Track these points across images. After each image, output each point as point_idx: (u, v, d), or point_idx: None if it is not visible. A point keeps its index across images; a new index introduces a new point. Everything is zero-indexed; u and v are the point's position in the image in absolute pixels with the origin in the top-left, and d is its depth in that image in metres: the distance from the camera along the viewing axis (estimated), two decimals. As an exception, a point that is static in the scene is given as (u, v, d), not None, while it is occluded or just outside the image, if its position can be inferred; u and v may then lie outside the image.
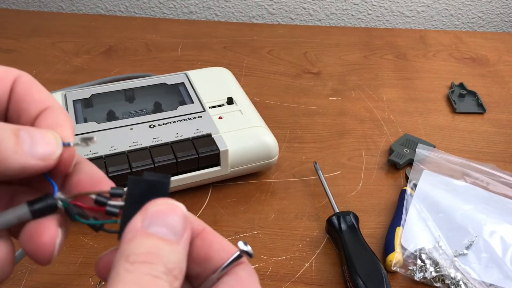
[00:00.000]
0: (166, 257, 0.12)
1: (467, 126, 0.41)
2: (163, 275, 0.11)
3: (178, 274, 0.12)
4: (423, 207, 0.32)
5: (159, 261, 0.12)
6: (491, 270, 0.28)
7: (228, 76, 0.40)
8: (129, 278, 0.11)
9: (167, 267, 0.12)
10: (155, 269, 0.11)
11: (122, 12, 0.64)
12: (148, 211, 0.13)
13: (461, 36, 0.55)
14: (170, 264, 0.12)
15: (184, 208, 0.13)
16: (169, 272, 0.12)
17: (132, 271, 0.11)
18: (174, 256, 0.12)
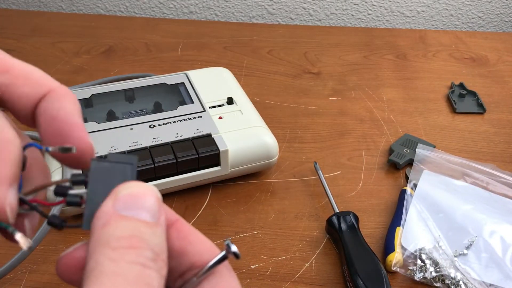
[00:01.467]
0: (149, 239, 0.11)
1: (467, 126, 0.41)
2: (151, 262, 0.10)
3: (163, 257, 0.11)
4: (423, 207, 0.32)
5: (145, 244, 0.10)
6: (491, 270, 0.28)
7: (228, 76, 0.40)
8: (113, 269, 0.10)
9: (154, 251, 0.10)
10: (142, 255, 0.10)
11: (122, 12, 0.64)
12: (119, 195, 0.11)
13: (461, 36, 0.55)
14: (155, 247, 0.11)
15: (155, 189, 0.12)
16: (157, 257, 0.10)
17: (116, 259, 0.10)
18: (157, 238, 0.11)
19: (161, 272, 0.11)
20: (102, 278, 0.09)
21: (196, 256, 0.12)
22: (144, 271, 0.10)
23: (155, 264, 0.10)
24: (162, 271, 0.11)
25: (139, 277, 0.10)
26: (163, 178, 0.31)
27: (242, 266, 0.28)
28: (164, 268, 0.11)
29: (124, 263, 0.10)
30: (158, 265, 0.10)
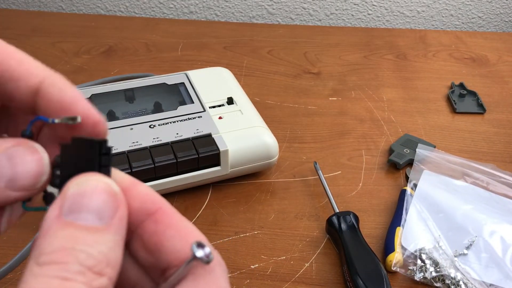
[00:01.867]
0: (85, 251, 0.09)
1: (467, 126, 0.41)
2: (76, 275, 0.09)
3: (105, 269, 0.10)
4: (423, 207, 0.32)
5: (72, 258, 0.09)
6: (491, 270, 0.28)
7: (228, 76, 0.40)
8: (32, 284, 0.09)
9: (84, 264, 0.09)
10: (65, 270, 0.09)
11: (122, 12, 0.64)
12: (66, 194, 0.10)
13: (461, 36, 0.55)
14: (90, 260, 0.09)
15: (112, 183, 0.11)
16: (86, 270, 0.09)
17: (38, 275, 0.09)
18: (98, 247, 0.10)
19: (94, 283, 0.09)
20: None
21: (172, 255, 0.11)
22: (65, 284, 0.09)
23: (83, 277, 0.09)
24: (96, 282, 0.10)
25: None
26: (163, 178, 0.31)
27: (242, 266, 0.28)
28: (98, 279, 0.10)
29: (44, 278, 0.09)
30: (88, 277, 0.09)
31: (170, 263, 0.11)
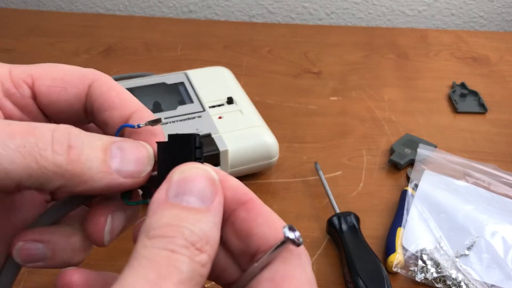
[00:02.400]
0: (189, 228, 0.11)
1: (469, 126, 0.41)
2: (182, 248, 0.10)
3: (205, 246, 0.11)
4: (424, 207, 0.32)
5: (178, 233, 0.10)
6: (493, 270, 0.28)
7: (228, 76, 0.40)
8: (143, 253, 0.10)
9: (188, 239, 0.10)
10: (172, 243, 0.10)
11: (122, 11, 0.63)
12: (172, 180, 0.12)
13: (462, 35, 0.55)
14: (193, 236, 0.11)
15: (212, 171, 0.12)
16: (190, 245, 0.10)
17: (147, 246, 0.10)
18: (200, 225, 0.11)
19: (196, 258, 0.11)
20: (133, 261, 0.10)
21: (261, 240, 0.12)
22: (172, 255, 0.10)
23: (187, 251, 0.10)
24: (198, 258, 0.11)
25: (165, 260, 0.10)
26: (163, 178, 0.31)
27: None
28: (199, 255, 0.11)
29: (153, 249, 0.10)
30: (191, 252, 0.10)
31: (259, 249, 0.12)
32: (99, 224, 0.13)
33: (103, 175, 0.12)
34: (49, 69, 0.14)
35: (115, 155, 0.12)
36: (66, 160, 0.11)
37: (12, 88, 0.14)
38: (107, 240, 0.13)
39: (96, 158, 0.12)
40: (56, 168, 0.11)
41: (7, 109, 0.14)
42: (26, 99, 0.14)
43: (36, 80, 0.14)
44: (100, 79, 0.14)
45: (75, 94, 0.14)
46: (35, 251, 0.13)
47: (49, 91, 0.14)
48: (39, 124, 0.12)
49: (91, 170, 0.12)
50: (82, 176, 0.12)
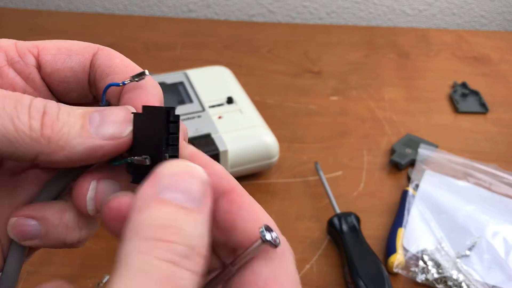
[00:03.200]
0: (187, 230, 0.10)
1: (470, 126, 0.41)
2: (185, 260, 0.09)
3: (202, 251, 0.10)
4: (426, 208, 0.31)
5: (179, 237, 0.09)
6: (494, 271, 0.28)
7: (228, 75, 0.40)
8: (139, 263, 0.09)
9: (189, 244, 0.09)
10: (175, 251, 0.09)
11: (121, 11, 0.63)
12: (160, 175, 0.10)
13: (463, 35, 0.55)
14: (193, 239, 0.10)
15: (202, 170, 0.11)
16: (191, 252, 0.09)
17: (144, 252, 0.09)
18: (196, 228, 0.10)
19: (195, 268, 0.09)
20: (128, 276, 0.09)
21: (243, 235, 0.11)
22: (175, 271, 0.09)
23: (189, 261, 0.09)
24: (197, 268, 0.10)
25: (168, 278, 0.09)
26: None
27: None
28: (199, 264, 0.10)
29: (153, 259, 0.09)
30: (192, 262, 0.09)
31: (240, 243, 0.12)
32: (81, 189, 0.12)
33: (82, 140, 0.12)
34: (55, 41, 0.14)
35: (94, 119, 0.12)
36: (40, 125, 0.11)
37: (17, 57, 0.14)
38: (91, 209, 0.12)
39: (74, 123, 0.12)
40: (32, 133, 0.11)
41: (9, 78, 0.13)
42: (30, 67, 0.14)
43: (41, 50, 0.14)
44: (105, 49, 0.14)
45: (79, 61, 0.14)
46: (28, 228, 0.13)
47: (54, 59, 0.14)
48: (21, 94, 0.12)
49: (68, 135, 0.11)
50: (59, 141, 0.11)
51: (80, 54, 0.14)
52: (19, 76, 0.14)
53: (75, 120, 0.12)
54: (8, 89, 0.13)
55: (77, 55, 0.14)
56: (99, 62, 0.14)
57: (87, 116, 0.12)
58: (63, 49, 0.14)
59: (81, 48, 0.14)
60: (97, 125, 0.12)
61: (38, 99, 0.12)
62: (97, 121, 0.12)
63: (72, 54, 0.14)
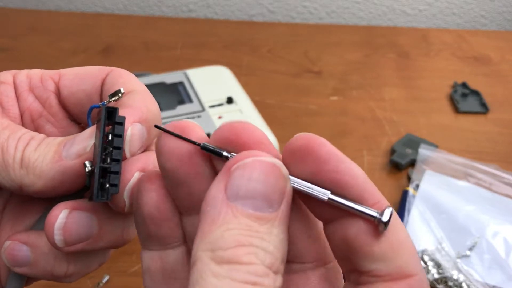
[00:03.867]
0: (263, 247, 0.09)
1: (470, 126, 0.41)
2: (264, 279, 0.08)
3: (280, 265, 0.09)
4: (426, 208, 0.31)
5: (254, 258, 0.08)
6: (494, 271, 0.28)
7: (228, 75, 0.40)
8: (216, 285, 0.08)
9: (265, 263, 0.09)
10: (252, 272, 0.08)
11: (121, 11, 0.63)
12: (232, 175, 0.09)
13: (463, 35, 0.55)
14: (269, 257, 0.09)
15: (278, 162, 0.09)
16: (269, 271, 0.09)
17: (221, 276, 0.08)
18: (273, 240, 0.09)
19: (275, 284, 0.09)
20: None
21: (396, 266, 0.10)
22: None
23: (268, 279, 0.09)
24: (276, 283, 0.09)
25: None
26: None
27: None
28: (279, 279, 0.09)
29: (230, 283, 0.08)
30: (271, 279, 0.09)
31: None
32: (50, 217, 0.12)
33: (52, 165, 0.12)
34: (76, 68, 0.15)
35: (67, 143, 0.13)
36: (21, 156, 0.12)
37: (38, 83, 0.14)
38: (59, 239, 0.12)
39: (48, 151, 0.12)
40: (15, 164, 0.12)
41: (28, 102, 0.14)
42: (48, 92, 0.14)
43: (62, 76, 0.15)
44: (115, 70, 0.15)
45: (92, 83, 0.14)
46: (19, 253, 0.13)
47: (70, 83, 0.14)
48: (19, 126, 0.12)
49: (42, 162, 0.12)
50: (35, 170, 0.12)
51: (93, 77, 0.14)
52: (37, 100, 0.14)
53: (50, 148, 0.12)
54: (25, 112, 0.14)
55: (90, 77, 0.14)
56: (107, 82, 0.14)
57: (63, 142, 0.13)
58: (80, 74, 0.15)
59: (95, 71, 0.14)
60: (68, 148, 0.12)
61: (29, 132, 0.13)
62: (69, 144, 0.12)
63: (86, 77, 0.14)
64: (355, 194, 0.10)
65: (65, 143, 0.13)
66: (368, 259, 0.10)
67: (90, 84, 0.14)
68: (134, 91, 0.13)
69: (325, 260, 0.11)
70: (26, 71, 0.15)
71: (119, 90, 0.13)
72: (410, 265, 0.10)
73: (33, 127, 0.14)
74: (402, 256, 0.10)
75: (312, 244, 0.11)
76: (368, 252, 0.10)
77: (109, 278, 0.28)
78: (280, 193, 0.09)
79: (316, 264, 0.11)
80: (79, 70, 0.15)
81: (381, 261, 0.10)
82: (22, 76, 0.14)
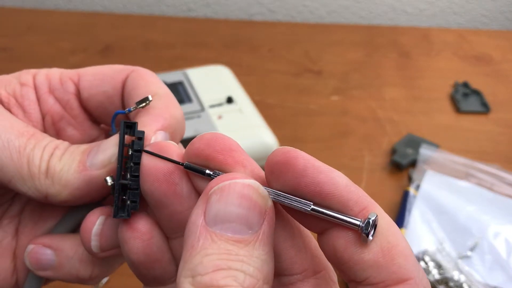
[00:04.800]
0: (242, 270, 0.09)
1: (471, 126, 0.41)
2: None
3: (263, 286, 0.09)
4: (427, 208, 0.31)
5: (231, 280, 0.08)
6: (495, 272, 0.28)
7: (228, 75, 0.39)
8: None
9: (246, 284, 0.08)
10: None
11: (120, 10, 0.63)
12: (210, 200, 0.09)
13: (464, 34, 0.54)
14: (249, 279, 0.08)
15: (256, 184, 0.09)
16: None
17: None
18: (254, 262, 0.09)
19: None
20: None
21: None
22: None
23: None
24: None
25: None
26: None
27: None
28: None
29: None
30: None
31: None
32: (88, 224, 0.12)
33: (78, 174, 0.12)
34: (95, 67, 0.15)
35: (92, 152, 0.12)
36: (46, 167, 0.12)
37: (57, 84, 0.14)
38: (95, 245, 0.12)
39: (73, 160, 0.12)
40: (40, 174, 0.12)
41: (48, 105, 0.14)
42: (68, 94, 0.14)
43: (81, 77, 0.14)
44: (136, 70, 0.14)
45: (112, 85, 0.14)
46: (43, 256, 0.13)
47: (89, 85, 0.14)
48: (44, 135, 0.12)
49: (67, 172, 0.12)
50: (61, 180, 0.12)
51: (113, 78, 0.14)
52: (58, 103, 0.14)
53: (74, 157, 0.12)
54: (47, 116, 0.14)
55: (110, 79, 0.14)
56: (128, 84, 0.14)
57: (87, 151, 0.12)
58: (99, 74, 0.14)
59: (115, 71, 0.14)
60: (92, 157, 0.12)
61: (54, 141, 0.12)
62: (93, 153, 0.12)
63: (105, 78, 0.14)
64: (339, 204, 0.10)
65: (89, 152, 0.12)
66: (360, 267, 0.10)
67: (111, 86, 0.14)
68: (156, 95, 0.13)
69: (315, 269, 0.11)
70: (45, 71, 0.14)
71: (147, 98, 0.13)
72: (404, 270, 0.10)
73: (54, 130, 0.14)
74: (395, 261, 0.09)
75: (299, 254, 0.11)
76: (358, 261, 0.10)
77: (109, 278, 0.27)
78: (259, 213, 0.09)
79: (305, 274, 0.11)
80: (98, 70, 0.14)
81: (374, 268, 0.09)
82: (41, 77, 0.14)
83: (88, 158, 0.12)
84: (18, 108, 0.13)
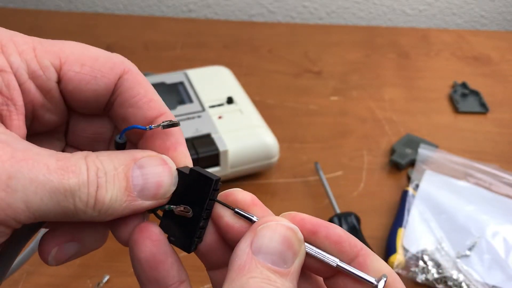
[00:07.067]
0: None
1: (470, 126, 0.41)
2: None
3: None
4: (426, 208, 0.31)
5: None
6: (494, 271, 0.28)
7: (228, 75, 0.40)
8: None
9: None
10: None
11: (121, 11, 0.63)
12: (258, 233, 0.12)
13: (463, 35, 0.55)
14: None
15: (296, 229, 0.12)
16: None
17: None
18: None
19: None
20: None
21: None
22: None
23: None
24: None
25: None
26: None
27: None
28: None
29: None
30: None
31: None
32: (44, 253, 0.13)
33: (126, 205, 0.12)
34: (77, 52, 0.13)
35: (137, 180, 0.12)
36: (94, 201, 0.12)
37: (39, 70, 0.13)
38: (51, 262, 0.13)
39: (119, 189, 0.12)
40: (87, 209, 0.12)
41: (31, 94, 0.13)
42: (51, 82, 0.13)
43: (64, 64, 0.13)
44: (131, 71, 0.14)
45: (105, 85, 0.13)
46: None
47: (77, 78, 0.13)
48: (81, 162, 0.11)
49: (115, 203, 0.12)
50: (108, 211, 0.12)
51: (106, 77, 0.13)
52: (39, 91, 0.13)
53: (119, 184, 0.12)
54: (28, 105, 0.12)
55: (103, 77, 0.13)
56: (124, 88, 0.13)
57: (129, 176, 0.12)
58: (87, 68, 0.13)
59: (107, 68, 0.13)
60: (140, 188, 0.12)
61: (92, 166, 0.12)
62: (140, 183, 0.12)
63: (97, 75, 0.13)
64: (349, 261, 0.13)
65: (132, 177, 0.12)
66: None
67: (103, 86, 0.13)
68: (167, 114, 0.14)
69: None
70: (14, 48, 0.13)
71: (177, 123, 0.13)
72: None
73: (32, 117, 0.13)
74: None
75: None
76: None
77: (109, 278, 0.28)
78: (293, 253, 0.12)
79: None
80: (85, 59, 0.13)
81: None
82: (16, 59, 0.12)
83: (133, 186, 0.12)
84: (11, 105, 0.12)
